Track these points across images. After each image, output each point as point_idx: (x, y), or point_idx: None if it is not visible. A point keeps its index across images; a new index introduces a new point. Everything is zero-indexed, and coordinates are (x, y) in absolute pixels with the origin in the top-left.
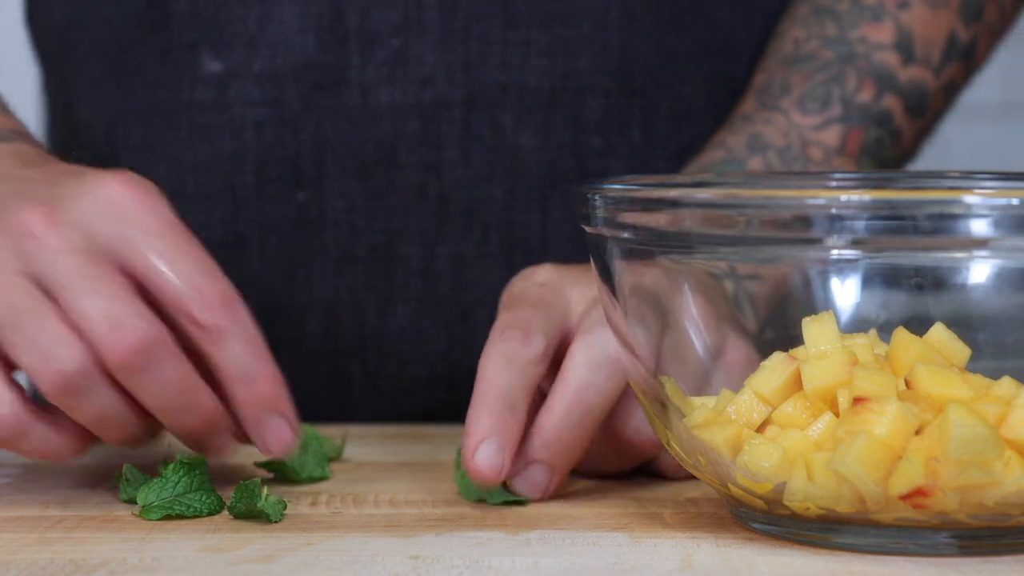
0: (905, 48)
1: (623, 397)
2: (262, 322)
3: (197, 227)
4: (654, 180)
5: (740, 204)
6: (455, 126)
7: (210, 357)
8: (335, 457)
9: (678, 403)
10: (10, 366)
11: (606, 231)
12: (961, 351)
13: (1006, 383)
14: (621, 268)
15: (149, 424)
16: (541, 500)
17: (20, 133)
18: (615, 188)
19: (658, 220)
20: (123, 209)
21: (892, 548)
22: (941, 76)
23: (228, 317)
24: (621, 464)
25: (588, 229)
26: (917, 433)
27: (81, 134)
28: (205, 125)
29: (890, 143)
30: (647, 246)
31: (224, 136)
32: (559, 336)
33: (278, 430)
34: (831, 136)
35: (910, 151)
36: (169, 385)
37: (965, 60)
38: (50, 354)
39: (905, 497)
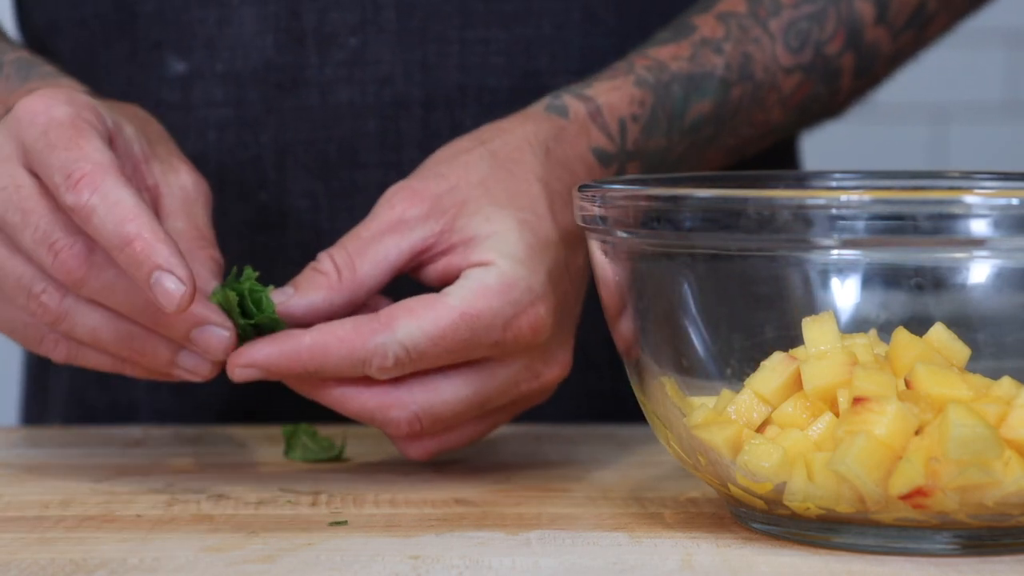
0: (883, 4)
1: None
2: None
3: None
4: (654, 180)
5: (740, 204)
6: (415, 125)
7: (90, 237)
8: (335, 457)
9: (678, 403)
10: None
11: (606, 230)
12: (961, 351)
13: (1006, 383)
14: (621, 267)
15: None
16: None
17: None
18: (615, 188)
19: (658, 219)
20: (22, 127)
21: (892, 548)
22: (896, 42)
23: (88, 191)
24: None
25: (588, 228)
26: (917, 433)
27: None
28: (171, 126)
29: (825, 100)
30: (647, 245)
31: (189, 137)
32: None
33: (162, 286)
34: (791, 83)
35: (835, 111)
36: (119, 286)
37: (920, 30)
38: (29, 291)
39: (905, 497)
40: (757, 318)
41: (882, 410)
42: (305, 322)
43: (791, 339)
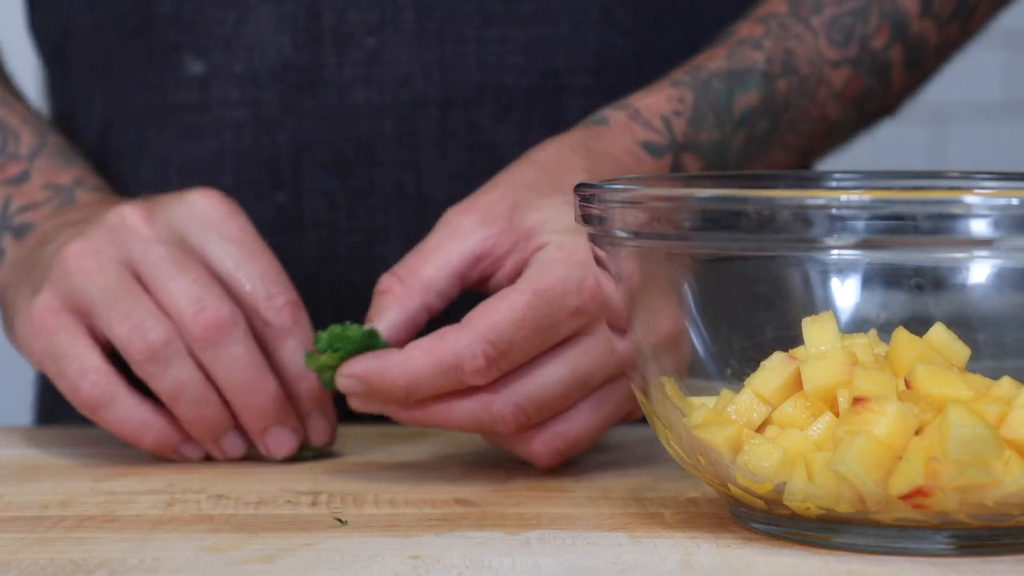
0: None
1: None
2: None
3: None
4: (655, 180)
5: (740, 204)
6: (432, 125)
7: (273, 352)
8: (326, 454)
9: (678, 403)
10: (100, 343)
11: (606, 230)
12: (961, 351)
13: (1006, 383)
14: (621, 267)
15: (223, 429)
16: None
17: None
18: (616, 188)
19: (658, 219)
20: (209, 217)
21: (892, 548)
22: (942, 33)
23: (291, 319)
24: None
25: (588, 228)
26: (917, 433)
27: (78, 139)
28: (189, 126)
29: (879, 95)
30: (648, 245)
31: (206, 137)
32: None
33: (319, 424)
34: (840, 78)
35: (891, 106)
36: (240, 361)
37: (964, 21)
38: (140, 326)
39: (905, 497)
40: (757, 318)
41: (882, 410)
42: (398, 345)
43: (791, 339)
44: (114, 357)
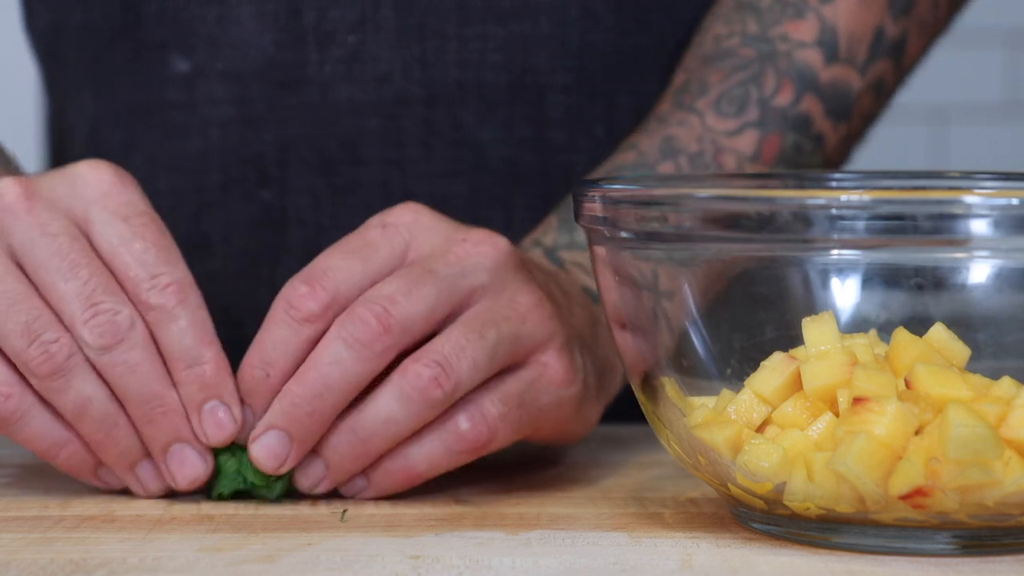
0: (829, 45)
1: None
2: (226, 321)
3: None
4: (654, 179)
5: (740, 204)
6: (416, 123)
7: (158, 340)
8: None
9: (678, 403)
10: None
11: (605, 230)
12: (961, 351)
13: (1006, 383)
14: (620, 267)
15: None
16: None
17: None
18: (615, 188)
19: (658, 219)
20: (94, 191)
21: (892, 548)
22: (867, 74)
23: (176, 299)
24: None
25: (587, 227)
26: (917, 433)
27: (70, 137)
28: (176, 125)
29: (811, 148)
30: (647, 245)
31: (192, 135)
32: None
33: (215, 415)
34: (746, 142)
35: (836, 157)
36: (138, 367)
37: (894, 57)
38: (40, 339)
39: (905, 497)
40: (757, 318)
41: (882, 410)
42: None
43: (791, 339)
44: None
